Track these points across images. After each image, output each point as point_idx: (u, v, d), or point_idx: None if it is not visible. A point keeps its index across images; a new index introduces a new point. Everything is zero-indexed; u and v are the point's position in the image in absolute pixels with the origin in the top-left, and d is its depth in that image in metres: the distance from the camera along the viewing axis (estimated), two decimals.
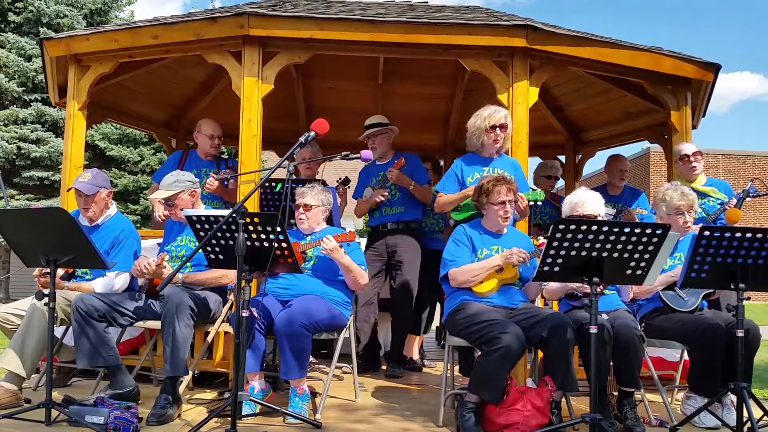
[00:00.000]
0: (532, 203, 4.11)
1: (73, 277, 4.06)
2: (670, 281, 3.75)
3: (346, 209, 5.59)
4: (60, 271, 3.75)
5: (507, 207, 3.75)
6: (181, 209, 3.98)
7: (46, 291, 3.35)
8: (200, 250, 3.41)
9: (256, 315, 3.41)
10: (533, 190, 4.10)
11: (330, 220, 4.43)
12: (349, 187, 5.57)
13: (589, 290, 3.15)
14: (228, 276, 3.99)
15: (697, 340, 3.60)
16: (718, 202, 4.69)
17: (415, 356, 5.43)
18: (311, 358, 4.57)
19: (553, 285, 3.77)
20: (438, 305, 5.69)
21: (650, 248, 3.11)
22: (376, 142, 5.08)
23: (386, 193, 5.01)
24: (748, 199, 4.62)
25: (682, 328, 3.68)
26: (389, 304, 5.21)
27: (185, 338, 3.58)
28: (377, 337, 5.26)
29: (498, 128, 4.18)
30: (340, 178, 5.57)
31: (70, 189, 4.28)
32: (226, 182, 4.85)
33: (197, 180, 4.18)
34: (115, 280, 3.96)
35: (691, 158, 4.72)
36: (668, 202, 3.91)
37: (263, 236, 3.33)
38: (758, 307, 18.24)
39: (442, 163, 7.18)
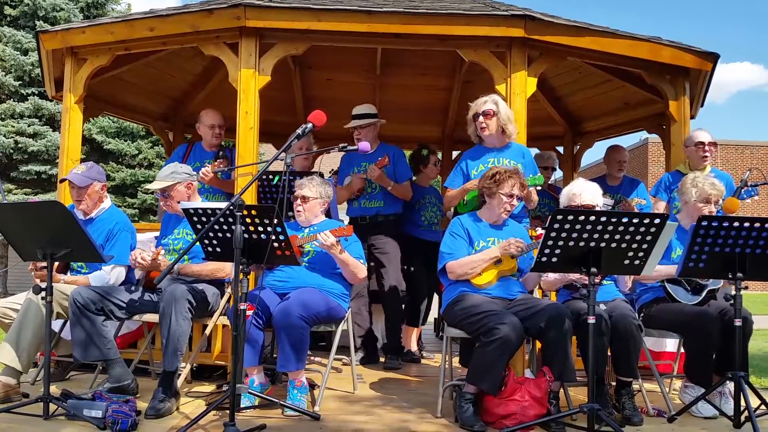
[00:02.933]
0: (531, 188, 4.09)
1: (69, 270, 4.06)
2: (670, 274, 3.74)
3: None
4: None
5: (514, 201, 3.74)
6: (178, 201, 3.97)
7: (44, 285, 3.34)
8: (198, 243, 3.40)
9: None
10: (532, 175, 4.09)
11: (328, 213, 4.42)
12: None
13: (587, 280, 3.15)
14: (224, 270, 3.98)
15: (691, 328, 3.62)
16: None
17: (414, 348, 5.44)
18: (309, 351, 4.56)
19: (551, 276, 3.77)
20: (436, 296, 5.69)
21: (648, 238, 3.11)
22: (362, 134, 5.04)
23: (363, 176, 5.00)
24: (752, 192, 4.61)
25: (677, 318, 3.69)
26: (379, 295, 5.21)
27: (183, 331, 3.57)
28: (373, 329, 5.26)
29: (481, 116, 4.17)
30: (332, 170, 5.55)
31: (63, 180, 4.26)
32: (225, 174, 4.80)
33: (194, 173, 4.17)
34: (111, 274, 3.95)
35: (707, 147, 4.69)
36: (700, 189, 3.86)
37: (261, 229, 3.32)
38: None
39: (440, 155, 7.18)
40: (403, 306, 5.26)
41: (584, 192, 3.83)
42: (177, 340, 3.53)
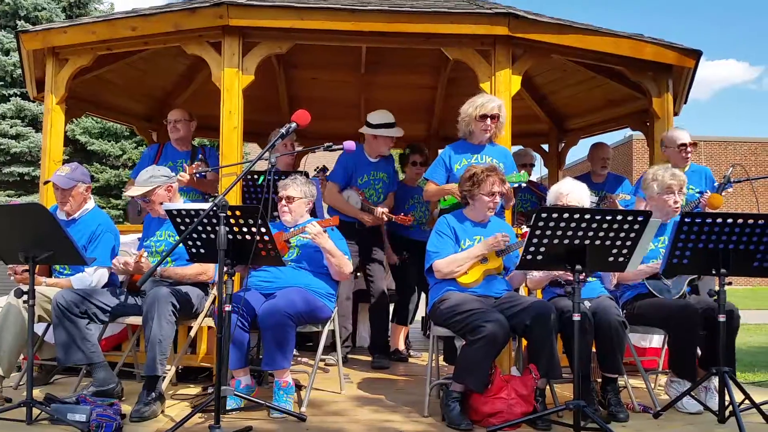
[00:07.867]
0: (515, 185, 4.09)
1: (52, 272, 4.01)
2: (653, 271, 3.76)
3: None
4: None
5: (497, 198, 3.75)
6: (160, 203, 3.94)
7: (26, 288, 3.30)
8: (181, 244, 3.37)
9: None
10: (515, 173, 4.10)
11: (314, 212, 4.40)
12: (327, 176, 5.53)
13: (572, 277, 3.16)
14: (207, 273, 3.95)
15: (674, 323, 3.63)
16: (697, 191, 4.71)
17: (401, 347, 5.44)
18: (295, 351, 4.54)
19: (536, 275, 3.77)
20: (423, 295, 5.69)
21: (632, 235, 3.12)
22: (387, 143, 5.02)
23: (384, 218, 4.89)
24: (728, 186, 4.64)
25: (660, 313, 3.71)
26: (367, 295, 5.20)
27: (166, 335, 3.53)
28: (358, 329, 5.24)
29: (489, 118, 4.14)
30: (317, 167, 5.52)
31: (47, 182, 4.22)
32: (201, 175, 4.80)
33: (173, 174, 4.14)
34: (93, 276, 3.91)
35: (689, 148, 4.71)
36: (660, 181, 3.89)
37: (245, 229, 3.29)
38: (739, 291, 18.45)
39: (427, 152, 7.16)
40: (391, 305, 5.26)
41: (572, 193, 3.83)
42: (160, 344, 3.49)
